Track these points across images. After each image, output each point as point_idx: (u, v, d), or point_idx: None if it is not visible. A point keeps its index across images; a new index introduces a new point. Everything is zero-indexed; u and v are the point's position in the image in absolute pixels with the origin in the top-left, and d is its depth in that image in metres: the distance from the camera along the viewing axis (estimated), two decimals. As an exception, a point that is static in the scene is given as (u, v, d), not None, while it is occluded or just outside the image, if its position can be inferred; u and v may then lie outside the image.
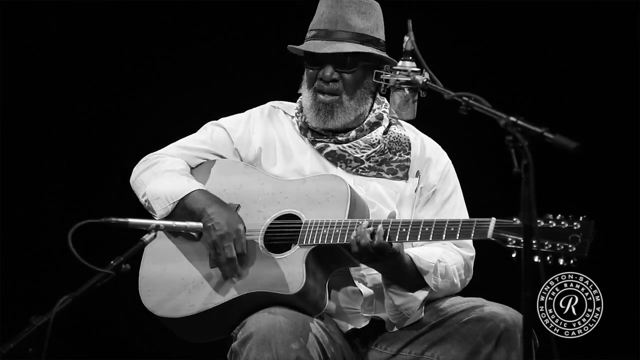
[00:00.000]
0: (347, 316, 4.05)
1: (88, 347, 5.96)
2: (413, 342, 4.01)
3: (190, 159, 4.22)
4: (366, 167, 4.15)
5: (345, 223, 3.89)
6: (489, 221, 3.69)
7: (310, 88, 4.15)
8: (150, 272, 4.05)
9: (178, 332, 4.07)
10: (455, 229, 3.75)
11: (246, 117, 4.29)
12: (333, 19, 4.15)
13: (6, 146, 5.82)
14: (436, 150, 4.25)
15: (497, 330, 3.86)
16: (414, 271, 3.95)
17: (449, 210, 4.16)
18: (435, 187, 4.18)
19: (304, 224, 3.94)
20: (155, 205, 4.08)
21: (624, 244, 5.71)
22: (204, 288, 3.97)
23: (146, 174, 4.16)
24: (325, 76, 4.12)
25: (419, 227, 3.80)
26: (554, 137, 3.10)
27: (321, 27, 4.16)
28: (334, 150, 4.15)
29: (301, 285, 3.85)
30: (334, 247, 3.91)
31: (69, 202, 5.87)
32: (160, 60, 5.93)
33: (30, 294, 5.84)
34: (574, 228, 3.41)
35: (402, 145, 4.18)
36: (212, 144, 4.23)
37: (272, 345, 3.72)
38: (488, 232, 3.68)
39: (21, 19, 5.81)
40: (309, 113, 4.16)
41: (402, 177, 4.16)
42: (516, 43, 5.80)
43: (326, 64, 4.12)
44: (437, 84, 3.68)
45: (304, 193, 4.02)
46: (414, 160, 4.18)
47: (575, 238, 3.40)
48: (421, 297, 3.98)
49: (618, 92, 5.76)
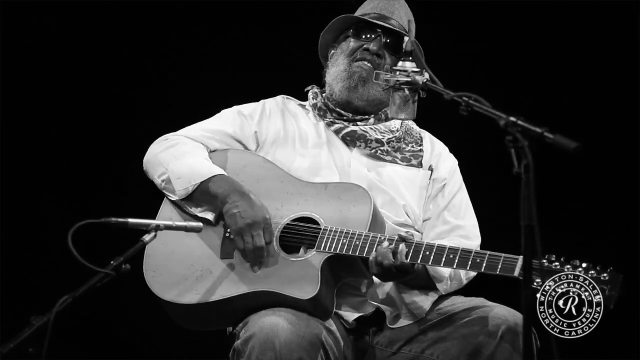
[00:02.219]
0: (352, 301, 4.04)
1: (88, 347, 5.96)
2: (413, 340, 4.01)
3: (210, 141, 4.19)
4: (384, 150, 4.18)
5: (367, 236, 3.88)
6: (517, 259, 3.68)
7: (349, 57, 4.19)
8: (157, 254, 4.02)
9: (178, 319, 4.03)
10: (481, 260, 3.74)
11: (262, 104, 4.31)
12: (390, 9, 4.25)
13: (6, 146, 5.82)
14: (445, 149, 4.34)
15: (498, 331, 3.87)
16: (426, 277, 3.98)
17: (457, 204, 4.18)
18: (446, 181, 4.21)
19: (322, 229, 3.93)
20: (176, 184, 4.04)
21: (624, 244, 5.71)
22: (213, 278, 3.94)
23: (165, 154, 4.13)
24: (373, 49, 4.18)
25: (443, 253, 3.78)
26: (554, 137, 3.10)
27: (378, 11, 4.24)
28: (354, 130, 4.18)
29: (315, 291, 3.83)
30: (351, 258, 3.89)
31: (69, 202, 5.87)
32: (160, 61, 5.93)
33: (30, 294, 5.84)
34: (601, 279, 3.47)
35: (414, 137, 4.26)
36: (231, 128, 4.22)
37: (275, 344, 3.72)
38: (515, 270, 3.67)
39: (21, 19, 5.81)
40: (340, 76, 4.21)
41: (416, 165, 4.20)
42: (516, 43, 5.80)
43: (377, 39, 4.17)
44: (437, 84, 3.69)
45: (325, 199, 3.99)
46: (426, 153, 4.22)
47: (603, 289, 3.47)
48: (432, 299, 4.01)
49: (618, 92, 5.76)
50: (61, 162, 5.90)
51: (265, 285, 3.88)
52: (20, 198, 5.87)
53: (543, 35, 5.80)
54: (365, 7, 4.29)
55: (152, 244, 3.93)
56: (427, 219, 4.20)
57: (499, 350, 3.86)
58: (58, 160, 5.90)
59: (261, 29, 5.88)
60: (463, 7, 5.82)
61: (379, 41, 4.19)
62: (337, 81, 4.21)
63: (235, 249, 3.97)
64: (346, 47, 4.23)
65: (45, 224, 5.85)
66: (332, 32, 4.31)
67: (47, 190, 5.91)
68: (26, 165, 5.87)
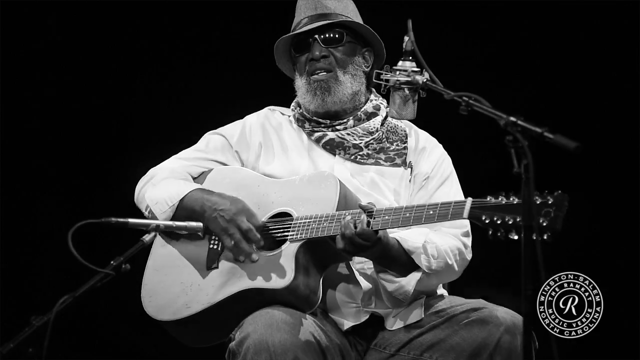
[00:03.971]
0: (347, 311, 4.05)
1: (88, 347, 5.96)
2: (412, 342, 4.01)
3: (190, 168, 4.24)
4: (364, 155, 4.18)
5: (332, 216, 3.90)
6: (465, 201, 3.67)
7: (303, 74, 4.20)
8: (152, 279, 4.07)
9: (179, 336, 4.08)
10: (434, 211, 3.74)
11: (242, 122, 4.34)
12: (311, 6, 4.24)
13: (6, 146, 5.82)
14: (430, 141, 4.29)
15: (497, 333, 3.86)
16: (403, 253, 3.96)
17: (441, 196, 4.17)
18: (428, 175, 4.20)
19: (294, 220, 3.96)
20: (155, 210, 4.08)
21: (624, 244, 5.71)
22: (201, 289, 3.98)
23: (145, 187, 4.18)
24: (315, 55, 4.19)
25: (400, 212, 3.79)
26: (554, 137, 3.10)
27: (302, 17, 4.23)
28: (332, 138, 4.19)
29: (290, 278, 3.86)
30: (324, 241, 3.92)
31: (69, 202, 5.87)
32: (160, 61, 5.93)
33: (30, 294, 5.84)
34: (548, 202, 3.38)
35: (399, 135, 4.23)
36: (209, 152, 4.26)
37: (269, 345, 3.72)
38: (464, 212, 3.66)
39: (21, 19, 5.81)
40: (306, 97, 4.21)
41: (400, 164, 4.18)
42: (516, 43, 5.80)
43: (314, 44, 4.17)
44: (437, 84, 3.69)
45: (297, 191, 4.03)
46: (410, 151, 4.21)
47: (548, 212, 3.37)
48: (414, 280, 3.98)
49: (618, 92, 5.76)
50: (61, 162, 5.90)
51: (245, 284, 3.91)
52: (20, 198, 5.87)
53: (543, 35, 5.80)
54: (298, 12, 4.30)
55: (147, 272, 4.04)
56: None
57: (498, 352, 3.85)
58: (58, 160, 5.90)
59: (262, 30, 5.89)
60: (463, 7, 5.82)
61: (317, 45, 4.19)
62: (305, 101, 4.22)
63: (219, 256, 4.01)
64: (298, 66, 4.25)
65: (45, 224, 5.86)
66: (282, 56, 4.31)
67: (47, 190, 5.91)
68: (26, 165, 5.87)
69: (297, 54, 4.24)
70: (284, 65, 4.35)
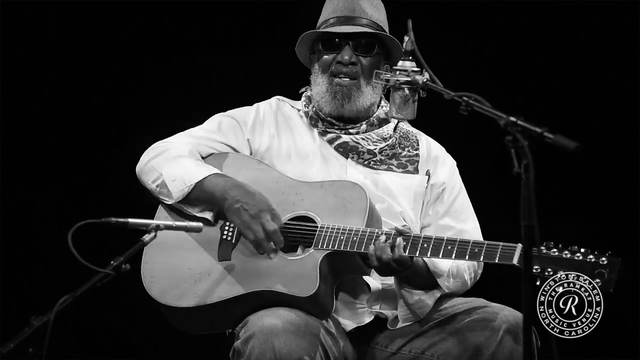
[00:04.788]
0: (352, 312, 4.04)
1: (88, 347, 5.96)
2: (413, 340, 4.01)
3: (199, 147, 4.17)
4: (378, 160, 4.16)
5: (364, 232, 3.87)
6: (515, 247, 3.68)
7: (326, 73, 4.16)
8: (155, 259, 4.01)
9: (178, 323, 4.03)
10: (479, 250, 3.73)
11: (255, 109, 4.28)
12: (350, 7, 4.18)
13: (6, 146, 5.82)
14: (441, 149, 4.30)
15: (499, 331, 3.86)
16: (427, 273, 3.97)
17: (458, 208, 4.17)
18: (445, 185, 4.19)
19: (319, 227, 3.92)
20: (171, 186, 4.01)
21: (624, 244, 5.71)
22: (211, 280, 3.94)
23: (158, 159, 4.09)
24: (344, 59, 4.13)
25: (441, 244, 3.77)
26: (554, 137, 3.10)
27: (338, 14, 4.18)
28: (346, 141, 4.16)
29: (314, 288, 3.83)
30: (349, 255, 3.89)
31: (69, 202, 5.87)
32: (160, 61, 5.93)
33: (30, 294, 5.84)
34: (601, 263, 3.46)
35: (410, 141, 4.22)
36: (222, 134, 4.20)
37: (274, 344, 3.71)
38: (514, 257, 3.67)
39: (21, 19, 5.81)
40: (324, 97, 4.16)
41: (412, 171, 4.17)
42: (516, 43, 5.80)
43: (345, 48, 4.13)
44: (437, 83, 3.69)
45: (321, 197, 3.99)
46: (422, 158, 4.20)
47: (601, 273, 3.43)
48: (434, 297, 4.00)
49: (618, 92, 5.76)
50: (61, 162, 5.90)
51: (264, 285, 3.88)
52: (20, 198, 5.87)
53: (543, 35, 5.80)
54: (327, 8, 4.24)
55: (148, 249, 3.94)
56: (426, 225, 4.18)
57: (500, 351, 3.85)
58: (58, 160, 5.90)
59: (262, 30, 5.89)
60: (463, 7, 5.82)
61: (348, 50, 4.14)
62: (322, 101, 4.17)
63: (232, 249, 3.97)
64: (321, 62, 4.19)
65: (45, 224, 5.85)
66: (305, 44, 4.26)
67: (47, 190, 5.91)
68: (26, 165, 5.87)
69: (324, 50, 4.19)
70: (301, 51, 4.28)
